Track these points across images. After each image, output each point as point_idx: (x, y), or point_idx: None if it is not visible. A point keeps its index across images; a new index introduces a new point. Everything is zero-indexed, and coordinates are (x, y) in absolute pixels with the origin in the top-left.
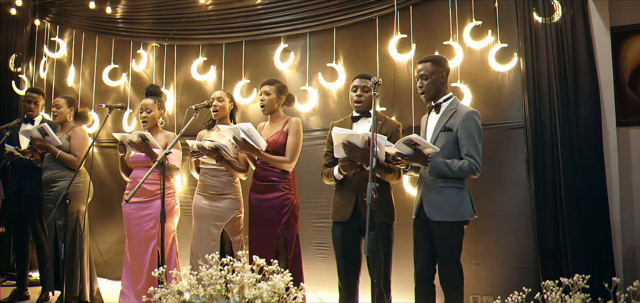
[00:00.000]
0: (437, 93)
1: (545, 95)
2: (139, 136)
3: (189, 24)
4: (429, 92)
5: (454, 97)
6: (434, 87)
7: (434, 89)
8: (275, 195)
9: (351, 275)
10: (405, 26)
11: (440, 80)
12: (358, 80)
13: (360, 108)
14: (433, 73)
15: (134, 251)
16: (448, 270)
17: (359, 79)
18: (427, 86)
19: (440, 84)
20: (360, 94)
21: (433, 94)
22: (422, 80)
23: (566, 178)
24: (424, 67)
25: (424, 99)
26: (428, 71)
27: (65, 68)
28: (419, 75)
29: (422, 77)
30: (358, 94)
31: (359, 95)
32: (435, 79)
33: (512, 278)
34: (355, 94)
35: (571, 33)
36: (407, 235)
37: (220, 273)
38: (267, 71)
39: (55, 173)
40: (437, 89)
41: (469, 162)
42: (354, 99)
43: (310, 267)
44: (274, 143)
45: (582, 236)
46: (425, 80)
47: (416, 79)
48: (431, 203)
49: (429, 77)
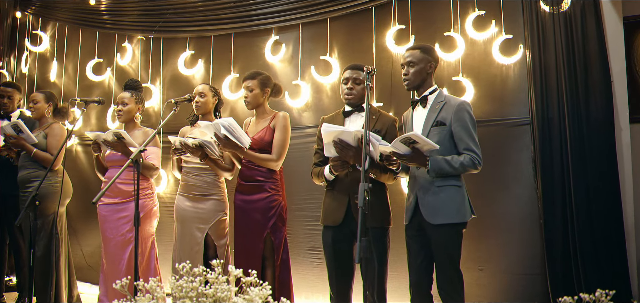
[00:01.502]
0: (422, 83)
1: (553, 89)
2: (113, 134)
3: (175, 15)
4: (414, 81)
5: (439, 89)
6: (420, 76)
7: (420, 79)
8: (262, 196)
9: (343, 284)
10: (403, 16)
11: (427, 70)
12: (349, 71)
13: (351, 101)
14: (421, 61)
15: (110, 256)
16: (447, 278)
17: (350, 70)
18: (413, 74)
19: (426, 74)
20: (351, 87)
21: (417, 84)
22: (408, 67)
23: (576, 178)
24: (412, 54)
25: (407, 87)
26: (416, 58)
27: (48, 63)
28: (406, 62)
29: (409, 64)
30: (349, 87)
31: (350, 87)
32: (422, 69)
33: (517, 285)
34: (345, 87)
35: (581, 23)
36: (404, 240)
37: (192, 285)
38: (257, 64)
39: (31, 172)
40: (422, 78)
41: (470, 156)
42: (345, 92)
43: (302, 273)
44: (260, 140)
45: (593, 240)
46: (412, 67)
47: (402, 66)
48: (429, 205)
49: (416, 65)
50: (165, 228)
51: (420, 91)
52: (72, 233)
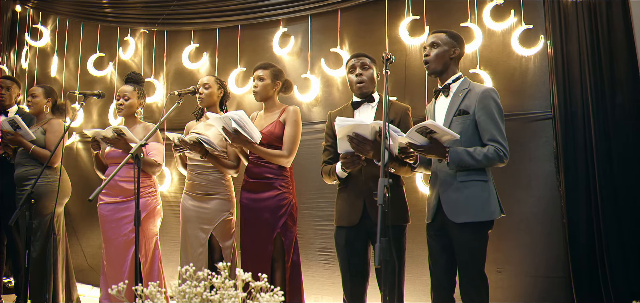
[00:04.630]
0: (445, 69)
1: (577, 82)
2: (113, 131)
3: (179, 7)
4: (436, 64)
5: (464, 77)
6: (441, 60)
7: (442, 64)
8: (271, 194)
9: (358, 287)
10: (417, 7)
11: (451, 55)
12: (354, 59)
13: (363, 90)
14: (446, 45)
15: (112, 257)
16: (471, 282)
17: (354, 59)
18: (435, 56)
19: (449, 59)
20: (360, 73)
21: (439, 68)
22: (430, 48)
23: (601, 175)
24: (437, 36)
25: (428, 71)
26: (441, 40)
27: (49, 57)
28: (429, 43)
29: (432, 45)
30: (358, 73)
31: (358, 74)
32: (445, 52)
33: (539, 288)
34: (354, 75)
35: (606, 12)
36: (420, 239)
37: (196, 291)
38: (264, 57)
39: (28, 170)
40: (445, 64)
41: (495, 148)
42: (355, 81)
43: (312, 275)
44: (269, 135)
45: (621, 242)
46: (434, 49)
47: (424, 49)
48: (451, 202)
49: (439, 47)
50: (169, 228)
51: (442, 79)
52: (73, 233)
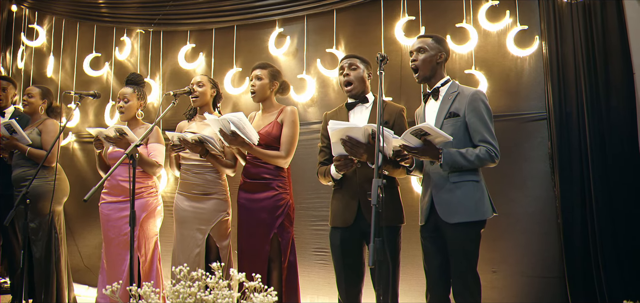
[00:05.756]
0: (432, 74)
1: (571, 83)
2: (116, 130)
3: (176, 7)
4: (424, 70)
5: (452, 81)
6: (429, 66)
7: (430, 69)
8: (268, 195)
9: (352, 287)
10: (413, 7)
11: (437, 60)
12: (343, 61)
13: (352, 91)
14: (432, 49)
15: (112, 257)
16: (464, 282)
17: (345, 60)
18: (423, 61)
19: (436, 64)
20: (347, 74)
21: (427, 74)
22: (417, 53)
23: (596, 176)
24: (423, 41)
25: (417, 78)
26: (427, 45)
27: (45, 57)
28: (415, 48)
29: (419, 50)
30: (345, 74)
31: (346, 74)
32: (431, 57)
33: (533, 288)
34: (342, 76)
35: (601, 13)
36: (415, 240)
37: (190, 291)
38: (260, 58)
39: (25, 171)
40: (433, 69)
41: (486, 148)
42: (343, 82)
43: (308, 275)
44: (267, 136)
45: (615, 242)
46: (421, 54)
47: (410, 54)
48: (445, 203)
49: (427, 52)
50: (165, 228)
51: (431, 83)
52: (69, 233)
